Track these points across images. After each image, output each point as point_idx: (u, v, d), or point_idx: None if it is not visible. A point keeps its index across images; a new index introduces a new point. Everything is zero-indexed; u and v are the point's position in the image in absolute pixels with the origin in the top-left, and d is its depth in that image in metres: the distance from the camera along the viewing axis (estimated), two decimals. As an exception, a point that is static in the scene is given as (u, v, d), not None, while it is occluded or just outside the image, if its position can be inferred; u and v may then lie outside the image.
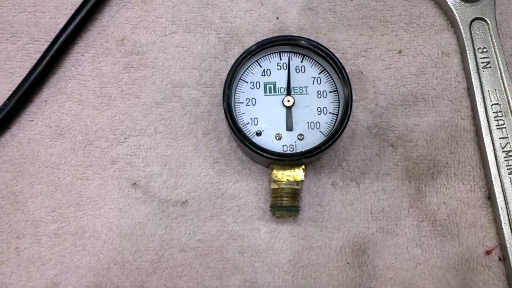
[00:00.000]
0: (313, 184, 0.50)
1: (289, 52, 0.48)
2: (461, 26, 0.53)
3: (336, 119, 0.47)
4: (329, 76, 0.48)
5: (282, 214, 0.47)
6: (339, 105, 0.47)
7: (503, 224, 0.47)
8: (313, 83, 0.48)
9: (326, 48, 0.48)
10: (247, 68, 0.48)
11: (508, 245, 0.47)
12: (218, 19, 0.54)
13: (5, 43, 0.53)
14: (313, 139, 0.46)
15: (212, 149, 0.50)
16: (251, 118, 0.47)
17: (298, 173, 0.46)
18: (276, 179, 0.46)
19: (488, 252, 0.48)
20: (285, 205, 0.46)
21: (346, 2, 0.55)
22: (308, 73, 0.48)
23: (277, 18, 0.54)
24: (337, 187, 0.50)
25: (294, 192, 0.46)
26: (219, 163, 0.50)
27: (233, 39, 0.54)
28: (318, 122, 0.47)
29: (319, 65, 0.48)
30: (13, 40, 0.53)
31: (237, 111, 0.47)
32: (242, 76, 0.48)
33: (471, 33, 0.53)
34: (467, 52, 0.52)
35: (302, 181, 0.46)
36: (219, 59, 0.53)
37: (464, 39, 0.52)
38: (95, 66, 0.53)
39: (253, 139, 0.46)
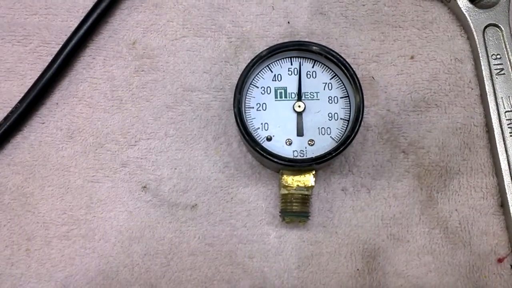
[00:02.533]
0: (323, 190, 0.50)
1: (300, 57, 0.48)
2: (474, 32, 0.52)
3: (347, 125, 0.46)
4: (341, 82, 0.48)
5: (291, 220, 0.47)
6: (350, 111, 0.47)
7: (515, 232, 0.47)
8: (324, 89, 0.48)
9: (338, 54, 0.47)
10: (258, 73, 0.48)
11: (520, 253, 0.47)
12: (229, 23, 0.54)
13: (17, 45, 0.53)
14: (324, 145, 0.46)
15: (222, 153, 0.50)
16: (262, 123, 0.47)
17: (308, 179, 0.46)
18: (286, 184, 0.46)
19: (500, 260, 0.47)
20: (295, 211, 0.46)
21: (358, 7, 0.55)
22: (319, 79, 0.48)
23: (288, 22, 0.54)
24: (347, 193, 0.50)
25: (304, 198, 0.46)
26: (229, 167, 0.50)
27: (244, 43, 0.54)
28: (329, 127, 0.47)
29: (331, 71, 0.48)
30: (24, 43, 0.54)
31: (247, 116, 0.47)
32: (253, 81, 0.48)
33: (484, 40, 0.52)
34: (481, 58, 0.51)
35: (312, 186, 0.46)
36: (229, 63, 0.53)
37: (478, 45, 0.52)
38: (106, 69, 0.53)
39: (263, 144, 0.46)
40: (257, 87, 0.48)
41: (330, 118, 0.47)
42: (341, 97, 0.47)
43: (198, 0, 0.55)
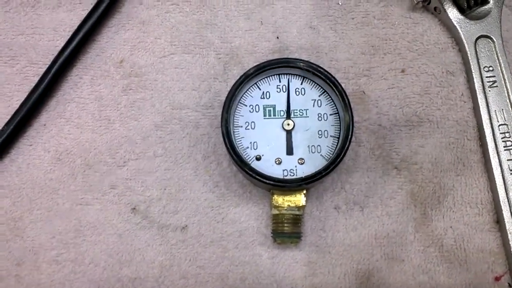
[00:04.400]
0: (315, 208, 0.49)
1: (289, 74, 0.48)
2: (466, 44, 0.52)
3: (338, 142, 0.46)
4: (330, 99, 0.47)
5: (283, 241, 0.46)
6: (340, 127, 0.46)
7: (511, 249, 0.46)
8: (313, 106, 0.47)
9: (326, 71, 0.47)
10: (245, 91, 0.47)
11: (517, 269, 0.46)
12: (218, 39, 0.54)
13: (4, 66, 0.53)
14: (314, 163, 0.45)
15: (212, 172, 0.50)
16: (251, 142, 0.46)
17: (299, 198, 0.45)
18: (277, 204, 0.45)
19: (497, 279, 0.46)
20: (286, 231, 0.45)
21: (347, 20, 0.54)
22: (308, 96, 0.47)
23: (277, 37, 0.54)
24: (340, 211, 0.49)
25: (296, 218, 0.45)
26: (219, 187, 0.49)
27: (232, 59, 0.53)
28: (319, 145, 0.46)
29: (319, 87, 0.47)
30: (11, 63, 0.53)
31: (236, 136, 0.46)
32: (241, 99, 0.47)
33: (476, 51, 0.52)
34: (472, 71, 0.51)
35: (303, 206, 0.45)
36: (218, 80, 0.52)
37: (469, 58, 0.51)
38: (94, 89, 0.52)
39: (252, 164, 0.45)
40: (245, 105, 0.47)
41: (320, 136, 0.46)
42: (331, 114, 0.47)
43: (186, 16, 0.54)
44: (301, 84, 0.47)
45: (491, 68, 0.51)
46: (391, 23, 0.54)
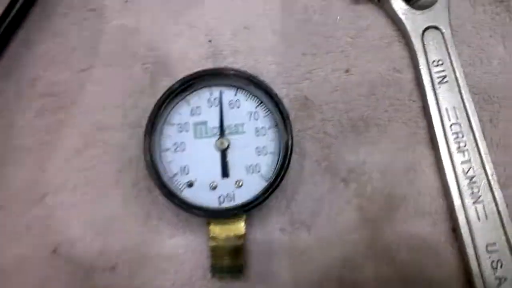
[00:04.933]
0: (259, 232, 0.44)
1: (221, 85, 0.43)
2: (412, 37, 0.47)
3: (278, 160, 0.41)
4: (268, 110, 0.42)
5: (223, 277, 0.42)
6: (280, 143, 0.42)
7: (470, 260, 0.43)
8: (250, 119, 0.42)
9: (259, 79, 0.42)
10: (172, 108, 0.42)
11: (476, 280, 0.43)
12: (143, 47, 0.48)
13: None
14: (254, 184, 0.41)
15: (143, 201, 0.45)
16: (181, 167, 0.41)
17: (238, 227, 0.41)
18: (214, 235, 0.41)
19: (455, 293, 0.44)
20: (226, 265, 0.41)
21: (285, 18, 0.49)
22: (243, 108, 0.42)
23: (210, 41, 0.48)
24: (286, 233, 0.44)
25: (236, 249, 0.41)
26: (151, 218, 0.44)
27: (161, 69, 0.47)
28: (258, 164, 0.41)
29: (256, 98, 0.43)
30: None
31: (163, 160, 0.41)
32: (167, 118, 0.42)
33: (424, 44, 0.47)
34: (420, 66, 0.47)
35: (244, 235, 0.41)
36: (146, 94, 0.47)
37: (417, 52, 0.47)
38: (4, 115, 0.46)
39: (184, 192, 0.40)
40: (173, 125, 0.42)
41: (259, 154, 0.42)
42: (270, 128, 0.42)
43: (105, 23, 0.48)
44: (235, 95, 0.43)
45: (440, 62, 0.47)
46: (333, 18, 0.49)
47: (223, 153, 0.42)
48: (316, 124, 0.47)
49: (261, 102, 0.43)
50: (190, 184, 0.41)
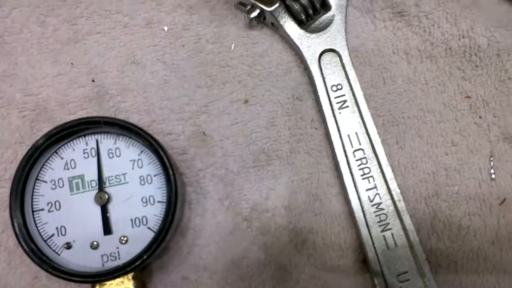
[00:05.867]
0: (159, 282, 0.41)
1: (97, 133, 0.39)
2: (309, 62, 0.45)
3: (166, 208, 0.38)
4: (152, 156, 0.39)
5: None
6: (167, 190, 0.38)
7: (381, 292, 0.41)
8: (133, 168, 0.39)
9: (136, 126, 0.39)
10: (43, 165, 0.38)
11: (390, 313, 0.41)
12: (19, 93, 0.44)
13: None
14: (141, 239, 0.37)
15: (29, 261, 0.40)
16: (57, 228, 0.37)
17: (127, 286, 0.37)
18: (101, 298, 0.37)
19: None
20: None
21: (176, 49, 0.46)
22: (125, 156, 0.39)
23: (93, 80, 0.45)
24: (189, 282, 0.41)
25: (128, 309, 0.37)
26: (40, 278, 0.40)
27: (41, 115, 0.44)
28: (144, 216, 0.38)
29: (138, 144, 0.39)
30: None
31: (37, 222, 0.37)
32: (39, 176, 0.38)
33: (321, 69, 0.45)
34: (319, 92, 0.45)
35: (136, 293, 0.38)
36: (25, 144, 0.43)
37: (314, 77, 0.45)
38: None
39: (62, 255, 0.36)
40: (45, 182, 0.38)
41: (145, 204, 0.38)
42: (156, 175, 0.39)
43: (-25, 69, 0.44)
44: (115, 143, 0.39)
45: (339, 87, 0.45)
46: (228, 46, 0.47)
47: (104, 208, 0.38)
48: (217, 160, 0.44)
49: (145, 149, 0.39)
50: (68, 246, 0.37)
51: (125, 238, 0.38)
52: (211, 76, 0.46)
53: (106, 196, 0.38)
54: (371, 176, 0.43)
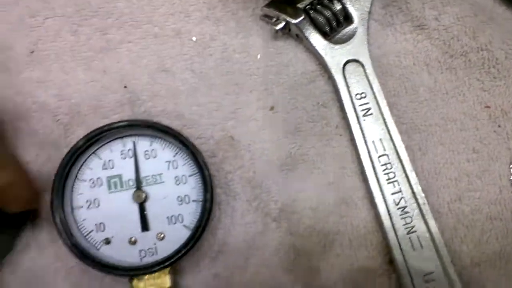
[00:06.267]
0: (191, 280, 0.42)
1: (134, 135, 0.40)
2: (333, 72, 0.47)
3: (202, 207, 0.39)
4: (187, 158, 0.40)
5: None
6: (202, 190, 0.40)
7: (408, 292, 0.42)
8: (168, 168, 0.40)
9: (172, 129, 0.40)
10: (82, 165, 0.39)
11: (417, 314, 0.42)
12: (53, 98, 0.45)
13: None
14: (177, 235, 0.39)
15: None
16: (96, 224, 0.38)
17: (164, 281, 0.38)
18: (138, 291, 0.38)
19: (397, 330, 0.42)
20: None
21: (205, 57, 0.48)
22: (160, 158, 0.40)
23: (125, 87, 0.46)
24: (220, 280, 0.42)
25: (162, 304, 0.38)
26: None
27: (74, 119, 0.45)
28: (180, 214, 0.39)
29: (173, 146, 0.41)
30: None
31: (76, 219, 0.38)
32: (78, 175, 0.39)
33: (345, 78, 0.47)
34: (343, 100, 0.46)
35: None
36: (59, 146, 0.44)
37: (339, 86, 0.47)
38: None
39: (101, 250, 0.37)
40: (84, 181, 0.39)
41: (181, 203, 0.39)
42: (191, 175, 0.40)
43: (11, 75, 0.46)
44: (150, 145, 0.40)
45: (363, 95, 0.47)
46: (254, 56, 0.49)
47: (141, 206, 0.39)
48: (245, 163, 0.45)
49: (179, 150, 0.41)
50: (107, 242, 0.38)
51: (162, 235, 0.39)
52: (238, 84, 0.48)
53: (144, 195, 0.39)
54: (396, 181, 0.44)
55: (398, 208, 0.44)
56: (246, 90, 0.47)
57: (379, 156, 0.45)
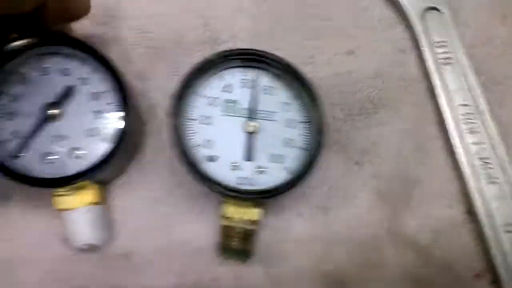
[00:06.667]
0: (275, 218, 0.42)
1: (258, 68, 0.40)
2: (412, 19, 0.46)
3: (304, 156, 0.39)
4: (302, 104, 0.40)
5: (230, 257, 0.39)
6: (309, 139, 0.39)
7: (488, 241, 0.42)
8: (282, 109, 0.40)
9: (298, 70, 0.40)
10: (204, 80, 0.40)
11: (496, 261, 0.41)
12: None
13: None
14: (275, 174, 0.38)
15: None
16: (205, 140, 0.38)
17: (254, 212, 0.38)
18: (227, 215, 0.38)
19: (477, 275, 0.42)
20: (234, 247, 0.38)
21: (283, 1, 0.47)
22: (278, 97, 0.40)
23: (204, 25, 0.46)
24: (304, 218, 0.42)
25: (247, 233, 0.38)
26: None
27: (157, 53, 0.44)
28: (282, 156, 0.39)
29: (293, 89, 0.40)
30: None
31: (188, 130, 0.38)
32: (198, 90, 0.39)
33: (424, 25, 0.47)
34: (423, 47, 0.46)
35: (258, 221, 0.38)
36: (143, 78, 0.44)
37: (417, 33, 0.46)
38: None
39: (204, 165, 0.37)
40: (203, 96, 0.39)
41: (286, 145, 0.39)
42: (301, 122, 0.40)
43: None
44: (272, 82, 0.40)
45: (443, 44, 0.46)
46: (330, 1, 0.48)
47: (249, 136, 0.39)
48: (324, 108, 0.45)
49: (298, 95, 0.40)
50: (211, 159, 0.38)
51: (262, 170, 0.38)
52: (316, 28, 0.47)
53: (254, 126, 0.39)
54: (478, 132, 0.44)
55: (479, 159, 0.44)
56: (323, 35, 0.47)
57: (460, 105, 0.45)
